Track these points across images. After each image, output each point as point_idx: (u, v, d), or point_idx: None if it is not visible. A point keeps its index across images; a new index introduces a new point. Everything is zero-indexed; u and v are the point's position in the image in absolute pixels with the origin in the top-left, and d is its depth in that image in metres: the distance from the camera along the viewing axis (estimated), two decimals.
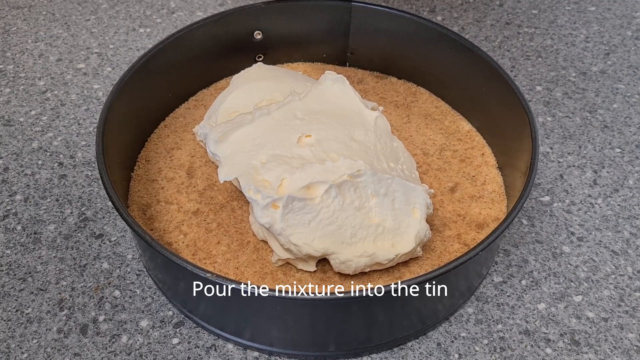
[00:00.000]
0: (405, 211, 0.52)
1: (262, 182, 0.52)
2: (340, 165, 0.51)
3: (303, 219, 0.50)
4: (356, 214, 0.51)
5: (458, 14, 0.87)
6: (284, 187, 0.51)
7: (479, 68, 0.64)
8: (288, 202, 0.49)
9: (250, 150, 0.54)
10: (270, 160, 0.53)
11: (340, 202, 0.50)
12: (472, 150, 0.65)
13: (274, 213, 0.50)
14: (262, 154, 0.53)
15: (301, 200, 0.50)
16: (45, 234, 0.60)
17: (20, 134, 0.69)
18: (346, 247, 0.51)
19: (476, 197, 0.60)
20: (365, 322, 0.49)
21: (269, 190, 0.51)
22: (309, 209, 0.50)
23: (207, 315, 0.52)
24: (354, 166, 0.51)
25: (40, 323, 0.53)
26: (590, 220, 0.61)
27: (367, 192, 0.51)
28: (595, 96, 0.75)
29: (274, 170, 0.52)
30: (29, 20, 0.85)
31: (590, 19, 0.87)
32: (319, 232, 0.50)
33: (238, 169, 0.53)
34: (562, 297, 0.55)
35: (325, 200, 0.50)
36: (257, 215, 0.51)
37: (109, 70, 0.77)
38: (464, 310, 0.54)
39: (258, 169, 0.53)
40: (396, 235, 0.52)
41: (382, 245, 0.51)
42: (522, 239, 0.60)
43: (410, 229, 0.52)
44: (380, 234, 0.51)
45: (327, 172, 0.51)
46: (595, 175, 0.66)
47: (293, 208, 0.50)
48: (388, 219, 0.52)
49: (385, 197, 0.52)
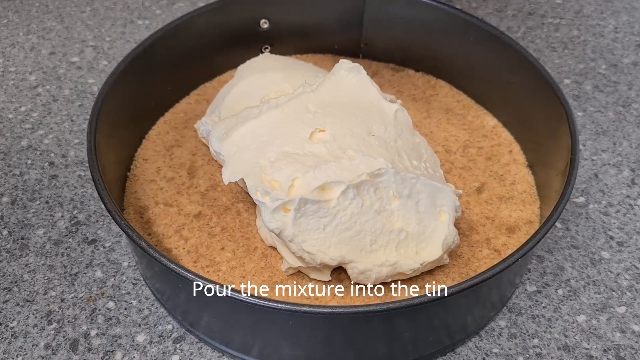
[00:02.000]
0: (431, 214, 0.47)
1: (270, 183, 0.46)
2: (359, 164, 0.46)
3: (317, 224, 0.45)
4: (376, 218, 0.46)
5: (477, 4, 0.82)
6: (295, 188, 0.46)
7: (506, 57, 0.58)
8: (300, 204, 0.44)
9: (257, 148, 0.49)
10: (280, 159, 0.47)
11: (359, 204, 0.45)
12: (498, 147, 0.59)
13: (284, 217, 0.45)
14: (270, 152, 0.48)
15: (315, 202, 0.44)
16: (33, 239, 0.54)
17: (9, 132, 0.64)
18: (365, 255, 0.45)
19: (505, 198, 0.55)
20: (387, 338, 0.44)
21: (279, 191, 0.46)
22: (324, 213, 0.45)
23: (211, 330, 0.47)
24: (374, 164, 0.46)
25: (26, 338, 0.48)
26: (631, 223, 0.56)
27: (388, 194, 0.46)
28: (628, 89, 0.69)
29: (284, 169, 0.47)
30: (20, 13, 0.80)
31: (619, 9, 0.81)
32: (335, 239, 0.45)
33: (244, 168, 0.48)
34: (604, 309, 0.50)
35: (342, 203, 0.45)
36: (265, 220, 0.46)
37: (105, 64, 0.72)
38: (496, 324, 0.49)
39: (266, 169, 0.47)
40: (421, 241, 0.47)
41: (406, 253, 0.46)
42: (556, 244, 0.54)
43: (437, 234, 0.47)
44: (403, 240, 0.46)
45: (343, 171, 0.46)
46: (633, 174, 0.60)
47: (306, 211, 0.45)
48: (412, 223, 0.46)
49: (409, 198, 0.46)
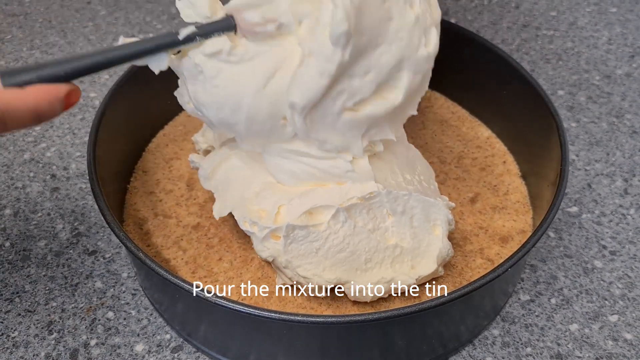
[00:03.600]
0: (425, 229, 0.47)
1: (257, 213, 0.46)
2: (349, 189, 0.45)
3: (309, 248, 0.45)
4: (370, 237, 0.45)
5: (472, 16, 0.83)
6: (281, 215, 0.45)
7: (499, 70, 0.59)
8: (288, 231, 0.44)
9: (241, 182, 0.48)
10: (265, 189, 0.47)
11: (351, 226, 0.45)
12: (492, 158, 0.60)
13: (275, 245, 0.45)
14: (254, 184, 0.48)
15: (303, 228, 0.44)
16: (35, 250, 0.55)
17: (12, 145, 0.65)
18: (361, 274, 0.46)
19: (499, 208, 0.55)
20: (381, 347, 0.45)
21: (266, 220, 0.45)
22: (315, 237, 0.44)
23: (208, 339, 0.47)
24: (365, 189, 0.45)
25: (27, 348, 0.49)
26: (623, 233, 0.57)
27: (382, 212, 0.46)
28: (621, 100, 0.70)
29: (269, 198, 0.46)
30: (24, 28, 0.82)
31: (613, 21, 0.82)
32: (329, 261, 0.45)
33: (231, 203, 0.48)
34: (597, 317, 0.51)
35: (334, 226, 0.44)
36: (257, 250, 0.46)
37: (107, 77, 0.74)
38: (489, 332, 0.50)
39: (252, 200, 0.47)
40: (416, 255, 0.47)
41: (401, 269, 0.46)
42: (549, 253, 0.55)
43: (432, 247, 0.47)
44: (398, 256, 0.46)
45: (332, 195, 0.45)
46: (626, 184, 0.61)
47: (296, 237, 0.44)
48: (407, 238, 0.46)
49: (402, 215, 0.46)
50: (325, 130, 0.43)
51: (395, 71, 0.42)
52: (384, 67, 0.41)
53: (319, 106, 0.41)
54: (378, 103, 0.42)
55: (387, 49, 0.41)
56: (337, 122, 0.42)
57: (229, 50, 0.40)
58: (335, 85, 0.40)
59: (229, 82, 0.41)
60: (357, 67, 0.40)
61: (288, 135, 0.44)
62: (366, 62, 0.41)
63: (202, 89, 0.42)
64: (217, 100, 0.42)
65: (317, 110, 0.41)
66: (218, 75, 0.41)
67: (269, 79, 0.41)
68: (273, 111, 0.42)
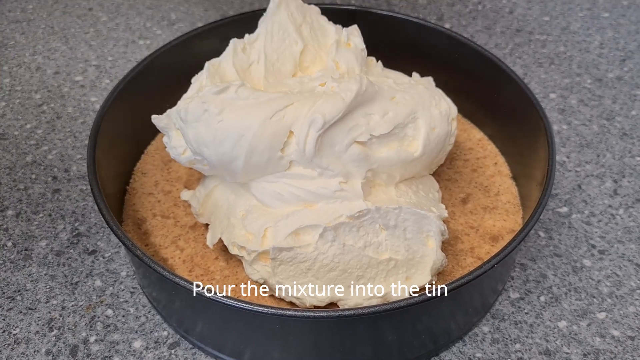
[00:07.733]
0: (418, 240, 0.47)
1: (245, 237, 0.47)
2: (337, 207, 0.46)
3: (299, 269, 0.45)
4: (362, 254, 0.46)
5: (467, 21, 0.84)
6: (268, 238, 0.46)
7: (491, 73, 0.60)
8: (275, 253, 0.45)
9: (227, 208, 0.50)
10: (251, 212, 0.48)
11: (340, 244, 0.45)
12: (484, 160, 0.61)
13: (265, 267, 0.46)
14: (239, 207, 0.49)
15: (290, 249, 0.45)
16: (36, 250, 0.57)
17: (14, 148, 0.67)
18: (354, 290, 0.46)
19: (489, 208, 0.57)
20: (372, 342, 0.46)
21: (253, 243, 0.46)
22: (303, 257, 0.45)
23: (204, 336, 0.48)
24: (354, 207, 0.45)
25: (29, 344, 0.50)
26: (612, 232, 0.58)
27: (374, 227, 0.46)
28: (612, 103, 0.71)
29: (256, 221, 0.47)
30: (27, 34, 0.83)
31: (605, 25, 0.84)
32: (320, 281, 0.46)
33: (219, 228, 0.49)
34: (585, 314, 0.52)
35: (322, 246, 0.45)
36: (247, 273, 0.48)
37: (107, 82, 0.75)
38: (479, 329, 0.51)
39: (238, 224, 0.48)
40: (411, 267, 0.48)
41: (395, 281, 0.47)
42: (539, 252, 0.56)
43: (426, 259, 0.48)
44: (392, 269, 0.47)
45: (319, 215, 0.45)
46: (615, 185, 0.62)
47: (283, 259, 0.45)
48: (401, 250, 0.47)
49: (395, 228, 0.47)
50: (329, 157, 0.45)
51: (411, 120, 0.48)
52: (402, 110, 0.47)
53: (330, 133, 0.45)
54: (396, 150, 0.47)
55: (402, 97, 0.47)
56: (344, 153, 0.45)
57: (237, 89, 0.45)
58: (351, 118, 0.45)
59: (235, 115, 0.44)
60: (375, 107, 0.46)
61: (283, 168, 0.46)
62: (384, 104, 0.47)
63: (205, 128, 0.45)
64: (218, 136, 0.44)
65: (327, 136, 0.45)
66: (224, 110, 0.44)
67: (277, 111, 0.44)
68: (273, 142, 0.44)
